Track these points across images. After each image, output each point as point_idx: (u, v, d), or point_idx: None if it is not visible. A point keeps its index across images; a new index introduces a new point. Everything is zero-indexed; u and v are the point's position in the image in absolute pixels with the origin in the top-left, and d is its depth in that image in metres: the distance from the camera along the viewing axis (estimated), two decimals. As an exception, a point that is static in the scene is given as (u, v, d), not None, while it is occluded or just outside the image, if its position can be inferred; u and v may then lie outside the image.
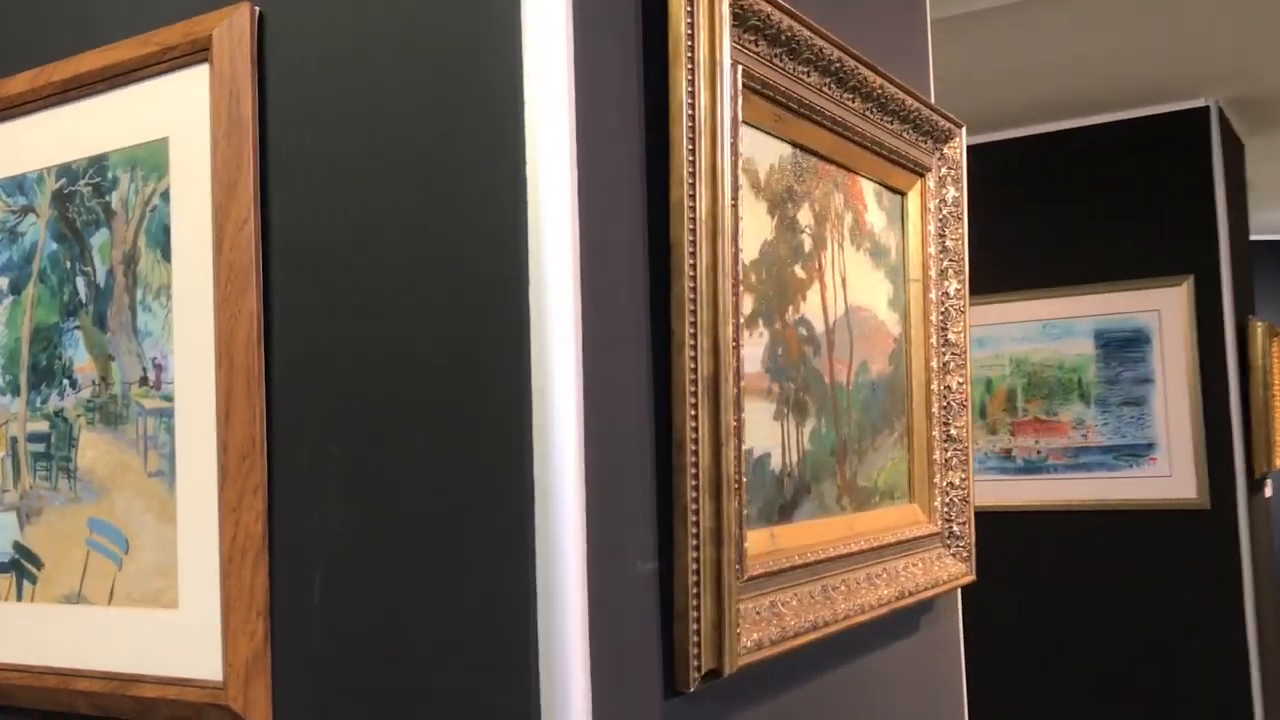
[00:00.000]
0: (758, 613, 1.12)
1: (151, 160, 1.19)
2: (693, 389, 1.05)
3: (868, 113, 1.42)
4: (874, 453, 1.48)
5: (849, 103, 1.38)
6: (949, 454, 1.63)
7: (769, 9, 1.17)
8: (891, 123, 1.49)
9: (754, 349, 1.21)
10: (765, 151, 1.25)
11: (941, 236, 1.64)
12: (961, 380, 1.64)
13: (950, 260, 1.65)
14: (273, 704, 1.08)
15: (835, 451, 1.38)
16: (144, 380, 1.18)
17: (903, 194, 1.59)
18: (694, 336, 1.05)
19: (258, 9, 1.13)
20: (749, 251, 1.21)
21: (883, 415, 1.51)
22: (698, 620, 1.04)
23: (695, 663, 1.04)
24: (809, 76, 1.28)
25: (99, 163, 1.23)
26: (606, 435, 1.01)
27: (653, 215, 1.08)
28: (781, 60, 1.22)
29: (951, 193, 1.65)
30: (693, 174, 1.06)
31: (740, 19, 1.14)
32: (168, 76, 1.18)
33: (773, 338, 1.25)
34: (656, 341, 1.07)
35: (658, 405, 1.07)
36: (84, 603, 1.21)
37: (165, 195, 1.17)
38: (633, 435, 1.04)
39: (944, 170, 1.65)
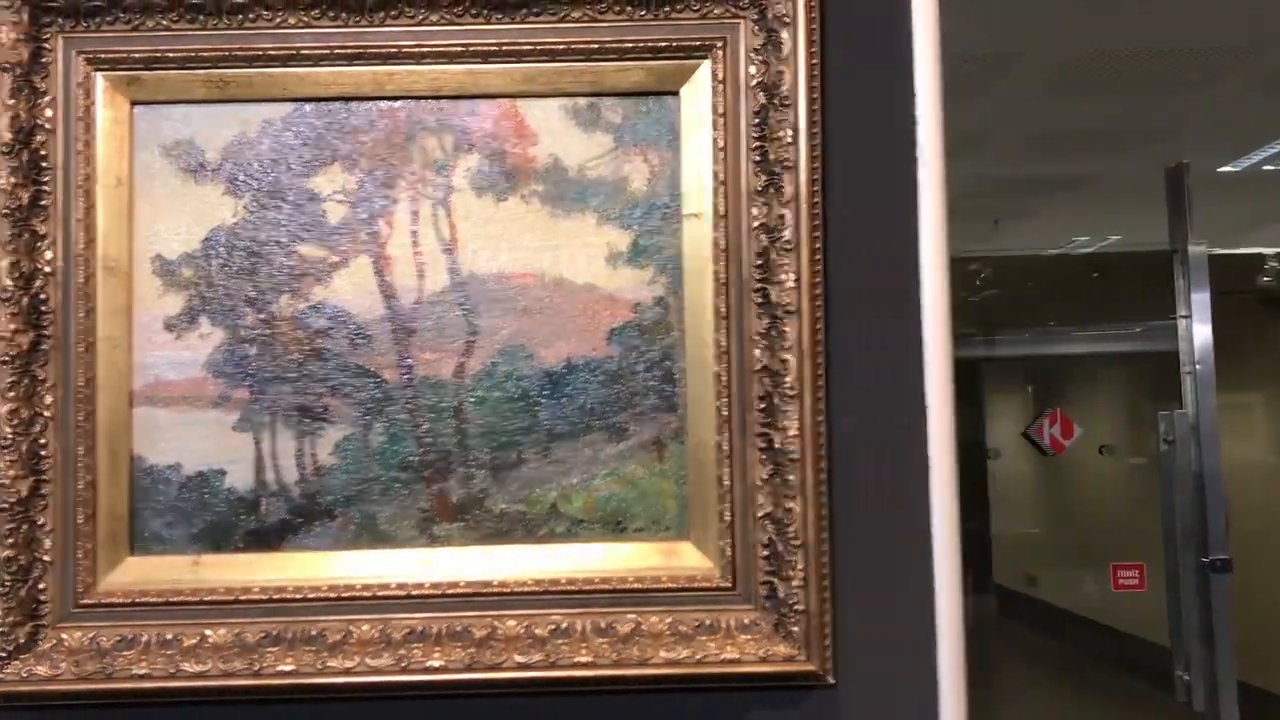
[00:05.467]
0: (95, 646, 1.04)
1: None
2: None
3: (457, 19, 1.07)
4: (549, 465, 1.08)
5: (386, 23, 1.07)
6: (767, 471, 1.06)
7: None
8: (524, 15, 1.07)
9: (189, 352, 1.08)
10: (216, 125, 1.08)
11: (759, 141, 1.07)
12: (787, 357, 1.05)
13: (770, 175, 1.07)
14: None
15: (418, 466, 1.08)
16: None
17: (669, 94, 1.10)
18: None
19: None
20: (178, 245, 1.08)
21: (592, 413, 1.08)
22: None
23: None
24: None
25: None
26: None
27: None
28: (177, 22, 1.06)
29: (774, 69, 1.07)
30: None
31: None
32: None
33: (233, 336, 1.07)
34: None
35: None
36: None
37: None
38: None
39: (762, 39, 1.07)
